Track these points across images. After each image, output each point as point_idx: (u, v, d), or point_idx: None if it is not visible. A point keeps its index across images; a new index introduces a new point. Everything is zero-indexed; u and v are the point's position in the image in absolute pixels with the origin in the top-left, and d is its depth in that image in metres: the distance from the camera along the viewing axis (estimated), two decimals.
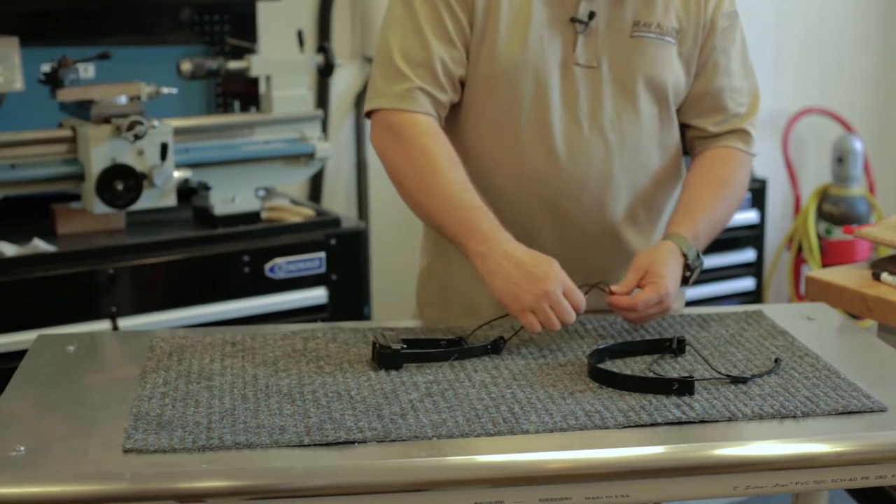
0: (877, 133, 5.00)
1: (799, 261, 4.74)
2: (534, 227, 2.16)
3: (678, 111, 2.25)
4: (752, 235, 4.34)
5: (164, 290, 2.99)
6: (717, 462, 1.67)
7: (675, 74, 2.18)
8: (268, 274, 3.07)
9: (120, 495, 1.53)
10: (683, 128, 2.29)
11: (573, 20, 2.13)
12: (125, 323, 2.89)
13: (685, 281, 2.12)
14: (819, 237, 4.67)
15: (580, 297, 1.97)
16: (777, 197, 4.79)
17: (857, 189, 4.69)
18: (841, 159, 4.66)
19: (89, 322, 2.86)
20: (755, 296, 4.36)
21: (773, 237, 4.79)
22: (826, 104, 4.85)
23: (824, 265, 4.51)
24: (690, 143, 2.30)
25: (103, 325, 2.87)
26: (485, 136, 2.16)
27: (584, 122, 2.14)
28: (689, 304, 4.03)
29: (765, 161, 4.72)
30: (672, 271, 2.07)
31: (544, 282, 1.95)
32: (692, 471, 1.67)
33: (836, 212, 4.64)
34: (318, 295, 3.14)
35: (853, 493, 2.31)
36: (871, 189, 4.87)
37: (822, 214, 4.69)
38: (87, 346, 2.06)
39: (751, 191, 4.27)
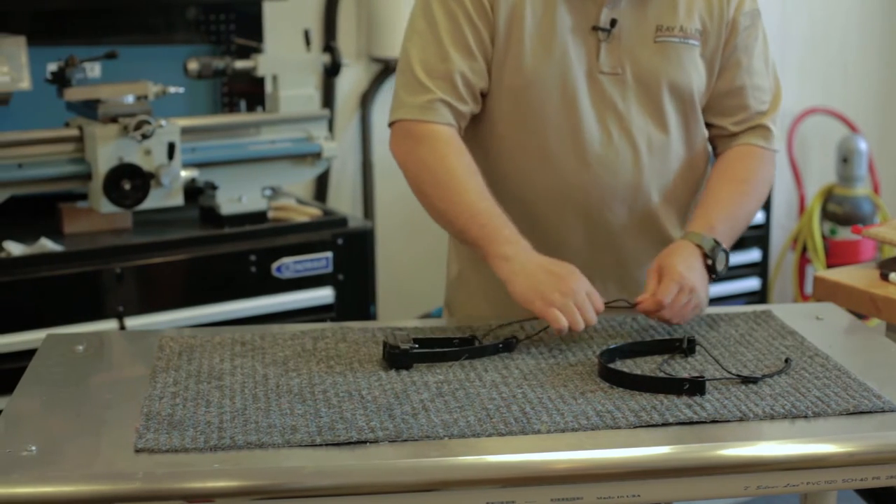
0: (881, 133, 5.00)
1: (803, 261, 4.74)
2: (565, 235, 2.19)
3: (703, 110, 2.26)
4: (758, 235, 4.34)
5: (171, 290, 2.99)
6: (728, 462, 1.67)
7: (699, 77, 2.19)
8: (274, 273, 3.07)
9: (132, 495, 1.53)
10: (706, 126, 2.29)
11: (595, 28, 2.13)
12: (132, 322, 2.89)
13: (711, 270, 2.12)
14: (823, 237, 4.67)
15: (600, 301, 1.99)
16: (782, 197, 4.79)
17: (862, 189, 4.68)
18: (845, 159, 4.66)
19: (96, 322, 2.86)
20: (760, 296, 4.36)
21: (778, 237, 4.79)
22: (830, 104, 4.84)
23: (829, 265, 4.51)
24: (713, 141, 2.31)
25: (110, 325, 2.87)
26: (513, 146, 2.17)
27: (613, 130, 2.15)
28: None
29: None
30: (686, 262, 2.07)
31: (569, 280, 1.97)
32: (703, 471, 1.67)
33: (840, 212, 4.64)
34: (324, 295, 3.14)
35: (862, 492, 2.31)
36: (876, 189, 4.87)
37: (826, 214, 4.69)
38: (95, 345, 2.06)
39: None
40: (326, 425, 1.67)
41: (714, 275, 2.13)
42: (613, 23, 2.13)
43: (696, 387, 1.80)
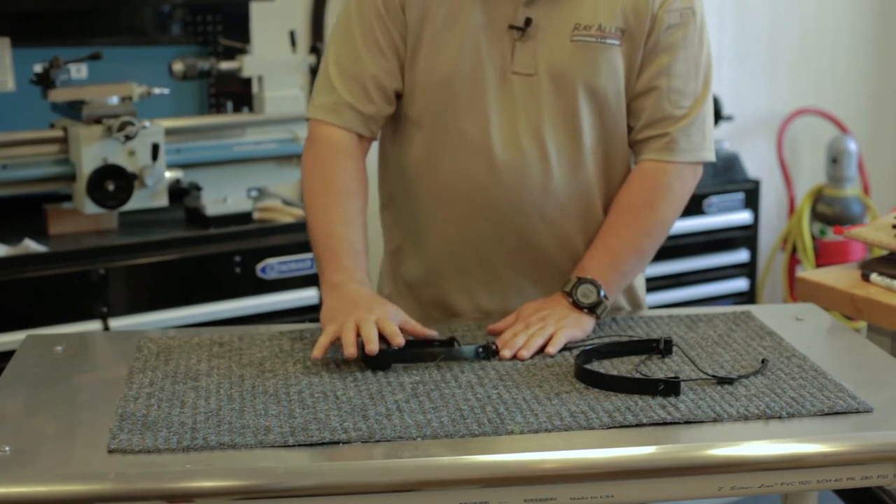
0: (872, 134, 5.00)
1: (793, 261, 4.74)
2: (476, 236, 2.16)
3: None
4: (746, 236, 4.34)
5: (155, 291, 3.00)
6: (701, 463, 1.67)
7: (617, 79, 2.11)
8: (259, 274, 3.07)
9: (104, 495, 1.53)
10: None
11: (510, 27, 2.09)
12: (116, 323, 2.89)
13: (581, 307, 2.07)
14: (813, 238, 4.67)
15: (392, 328, 1.91)
16: (771, 197, 4.80)
17: (852, 190, 4.69)
18: (835, 160, 4.67)
19: (80, 322, 2.87)
20: (749, 296, 4.37)
21: (768, 238, 4.80)
22: (821, 105, 4.85)
23: (818, 266, 4.51)
24: (630, 149, 2.20)
25: (94, 326, 2.87)
26: (424, 145, 2.15)
27: (522, 132, 2.10)
28: (681, 305, 4.08)
29: (759, 162, 4.73)
30: (539, 303, 2.08)
31: (363, 307, 1.95)
32: (677, 471, 1.67)
33: (830, 212, 4.64)
34: (309, 295, 3.14)
35: (842, 494, 2.30)
36: (866, 190, 4.87)
37: (816, 215, 4.69)
38: (75, 346, 2.05)
39: (744, 191, 4.28)
40: (300, 426, 1.67)
41: (584, 310, 2.07)
42: (528, 22, 2.08)
43: (670, 387, 1.80)
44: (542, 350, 1.98)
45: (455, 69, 2.09)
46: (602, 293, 2.07)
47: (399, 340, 1.90)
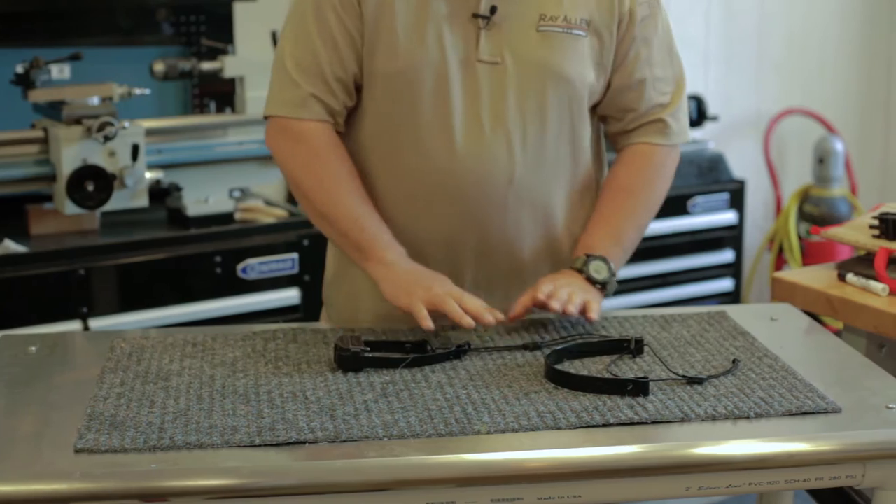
0: (859, 134, 5.00)
1: (780, 262, 4.74)
2: (443, 226, 2.15)
3: (598, 105, 2.22)
4: (731, 236, 4.34)
5: (136, 291, 3.00)
6: (668, 463, 1.67)
7: (584, 70, 2.14)
8: (240, 274, 3.07)
9: (69, 495, 1.54)
10: (605, 122, 2.26)
11: (475, 15, 2.10)
12: (96, 324, 2.89)
13: (591, 282, 2.12)
14: (800, 238, 4.67)
15: (475, 301, 2.01)
16: (758, 197, 4.80)
17: (839, 190, 4.69)
18: (822, 160, 4.67)
19: (60, 323, 2.86)
20: (734, 297, 4.37)
21: (755, 238, 4.80)
22: (808, 105, 4.85)
23: (805, 266, 4.51)
24: (613, 138, 2.27)
25: (75, 326, 2.87)
26: (387, 135, 2.14)
27: (486, 120, 2.10)
28: (665, 305, 4.08)
29: (746, 161, 4.73)
30: (557, 277, 2.11)
31: (434, 283, 2.03)
32: (644, 471, 1.67)
33: (817, 212, 4.64)
34: (290, 296, 3.14)
35: (816, 495, 2.31)
36: (853, 190, 4.87)
37: (803, 215, 4.70)
38: (49, 346, 2.05)
39: (728, 191, 4.27)
40: (267, 426, 1.67)
41: (597, 285, 2.12)
42: (493, 10, 2.09)
43: (639, 388, 1.80)
44: (583, 313, 2.05)
45: (416, 58, 2.09)
46: (612, 269, 2.13)
47: (489, 319, 2.00)
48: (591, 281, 2.11)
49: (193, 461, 1.59)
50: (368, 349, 1.92)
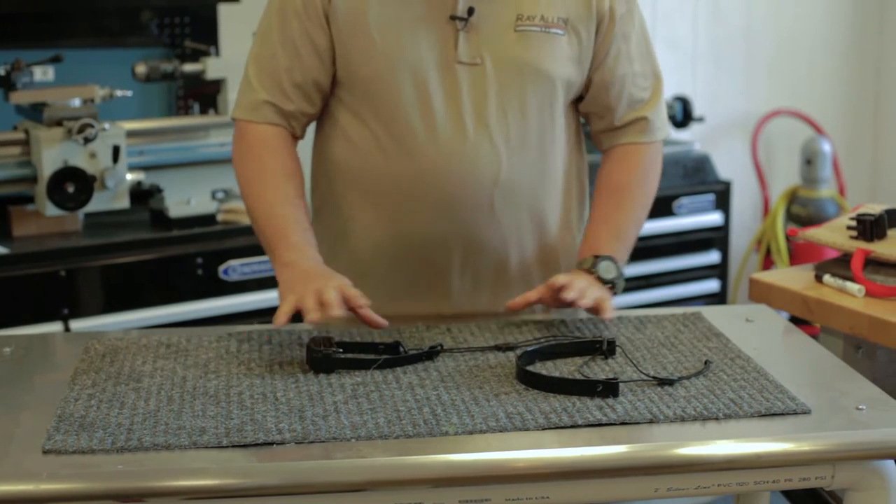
0: (847, 135, 5.01)
1: (768, 263, 4.75)
2: (429, 230, 2.15)
3: (580, 103, 2.24)
4: (717, 237, 4.34)
5: (117, 292, 3.00)
6: (636, 464, 1.67)
7: (564, 68, 2.15)
8: (222, 276, 3.08)
9: (36, 496, 1.54)
10: (588, 120, 2.28)
11: (453, 17, 2.10)
12: (78, 325, 2.89)
13: (603, 283, 2.13)
14: (787, 239, 4.68)
15: (354, 292, 1.99)
16: (746, 198, 4.81)
17: (826, 191, 4.70)
18: (810, 161, 4.68)
19: (42, 324, 2.86)
20: (720, 297, 4.37)
21: (743, 239, 4.81)
22: (796, 106, 4.86)
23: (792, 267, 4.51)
24: (597, 137, 2.29)
25: (56, 327, 2.87)
26: (370, 139, 2.15)
27: (469, 122, 2.11)
28: (651, 306, 4.09)
29: (734, 162, 4.73)
30: (567, 275, 2.11)
31: (321, 279, 2.00)
32: (611, 472, 1.67)
33: (804, 213, 4.65)
34: (272, 297, 3.13)
35: (790, 496, 2.31)
36: (841, 191, 4.88)
37: (790, 216, 4.70)
38: (25, 348, 2.05)
39: (714, 192, 4.28)
40: (235, 427, 1.68)
41: (608, 285, 2.13)
42: (471, 11, 2.10)
43: (609, 389, 1.80)
44: (596, 312, 2.07)
45: (393, 61, 2.10)
46: (620, 268, 2.16)
47: (363, 302, 1.97)
48: (601, 280, 2.13)
49: (160, 462, 1.59)
50: (340, 350, 1.92)
